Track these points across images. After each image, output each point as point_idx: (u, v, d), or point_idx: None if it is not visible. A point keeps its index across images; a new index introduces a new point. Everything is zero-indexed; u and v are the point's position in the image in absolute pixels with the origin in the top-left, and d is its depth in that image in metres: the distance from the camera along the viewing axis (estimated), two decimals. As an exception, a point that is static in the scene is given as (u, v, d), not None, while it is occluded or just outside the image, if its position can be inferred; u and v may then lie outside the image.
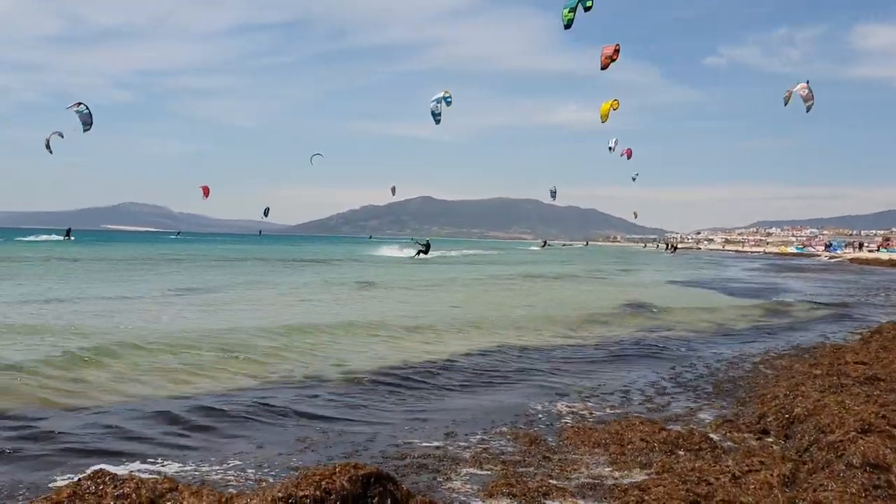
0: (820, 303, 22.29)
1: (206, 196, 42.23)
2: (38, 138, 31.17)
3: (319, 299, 20.36)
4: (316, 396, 8.29)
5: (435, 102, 27.45)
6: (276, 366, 10.06)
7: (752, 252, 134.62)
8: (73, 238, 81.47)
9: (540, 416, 7.66)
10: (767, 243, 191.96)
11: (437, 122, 27.44)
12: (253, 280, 27.78)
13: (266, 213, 62.80)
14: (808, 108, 23.93)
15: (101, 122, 27.22)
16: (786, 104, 24.20)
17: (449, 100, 27.55)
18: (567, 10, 16.70)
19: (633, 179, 46.80)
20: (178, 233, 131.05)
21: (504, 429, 7.09)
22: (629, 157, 40.92)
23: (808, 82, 23.87)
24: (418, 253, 52.61)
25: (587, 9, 16.87)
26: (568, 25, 16.90)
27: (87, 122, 25.69)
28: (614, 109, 25.62)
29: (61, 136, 29.95)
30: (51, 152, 30.00)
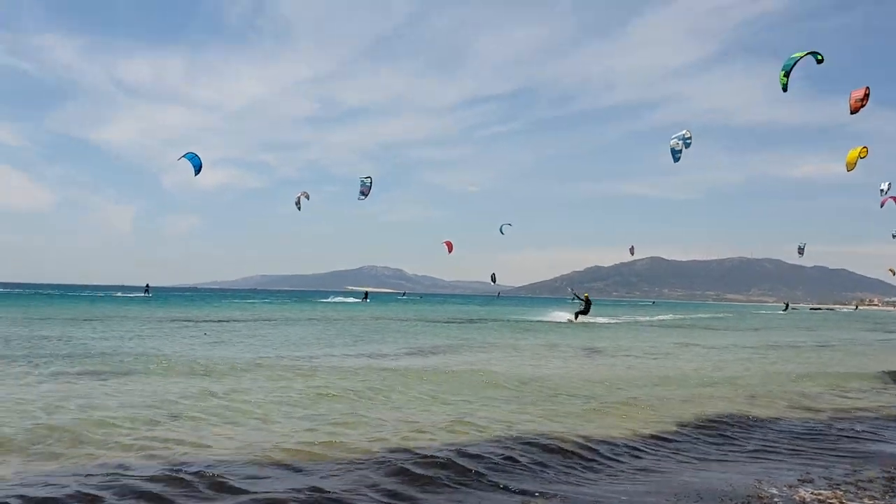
0: None
1: (451, 251, 44.23)
2: (296, 210, 34.80)
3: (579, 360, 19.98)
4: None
5: (677, 139, 26.65)
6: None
7: None
8: (368, 300, 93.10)
9: (776, 500, 6.58)
10: None
11: (677, 160, 26.72)
12: (480, 340, 28.10)
13: (493, 278, 67.00)
14: None
15: (349, 192, 30.14)
16: None
17: (689, 141, 26.60)
18: (783, 73, 16.33)
19: (894, 237, 40.85)
20: (404, 294, 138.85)
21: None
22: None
23: None
24: (577, 315, 44.69)
25: (819, 61, 16.50)
26: (784, 89, 16.72)
27: (196, 168, 27.16)
28: (862, 157, 22.95)
29: (307, 197, 33.25)
30: (299, 209, 33.32)
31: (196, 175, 25.84)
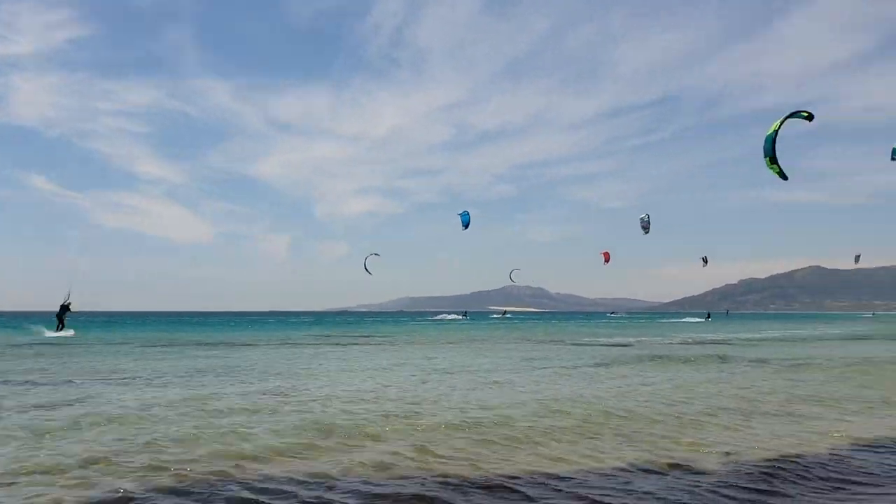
0: None
1: (608, 261, 43.44)
2: (434, 232, 35.75)
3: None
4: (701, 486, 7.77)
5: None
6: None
7: None
8: (468, 318, 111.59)
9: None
10: None
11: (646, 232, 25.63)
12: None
13: (705, 260, 59.63)
14: None
15: (488, 215, 30.26)
16: None
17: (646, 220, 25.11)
18: (768, 160, 14.48)
19: None
20: (465, 313, 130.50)
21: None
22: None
23: None
24: None
25: (807, 118, 14.72)
26: (783, 176, 14.99)
27: (465, 224, 28.29)
28: None
29: (377, 255, 32.91)
30: (370, 273, 32.65)
31: (464, 229, 27.83)
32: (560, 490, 7.57)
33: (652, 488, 7.64)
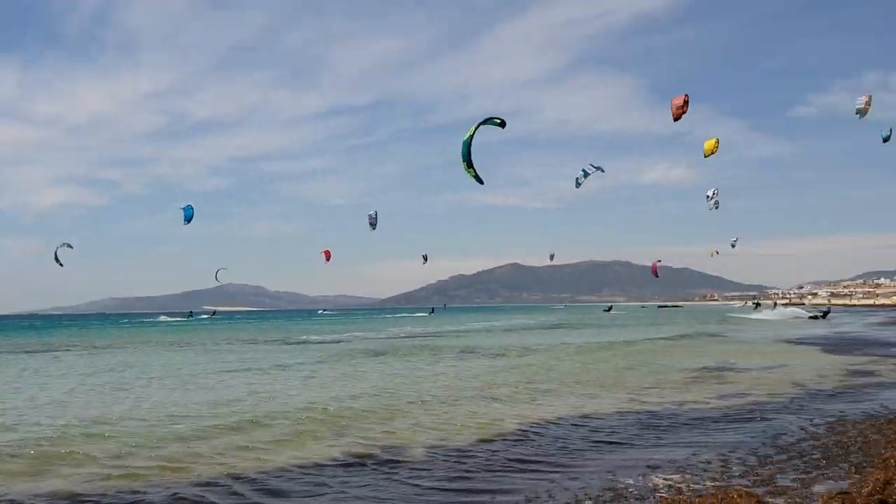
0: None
1: (328, 259, 42.69)
2: (143, 228, 32.94)
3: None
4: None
5: (585, 171, 27.53)
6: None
7: (860, 305, 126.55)
8: (193, 318, 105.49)
9: (631, 490, 7.04)
10: (877, 294, 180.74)
11: (578, 186, 27.71)
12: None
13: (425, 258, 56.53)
14: (861, 115, 22.15)
15: (201, 210, 28.38)
16: (862, 117, 22.51)
17: (588, 172, 27.49)
18: (466, 165, 13.82)
19: (733, 246, 45.22)
20: (191, 314, 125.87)
21: (589, 503, 6.59)
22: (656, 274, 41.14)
23: (870, 96, 22.27)
24: None
25: (500, 125, 14.03)
26: (478, 181, 14.16)
27: (188, 218, 27.02)
28: (714, 153, 24.93)
29: (70, 246, 29.97)
30: (61, 265, 29.62)
31: (186, 223, 26.04)
32: (259, 490, 7.37)
33: (352, 479, 7.74)
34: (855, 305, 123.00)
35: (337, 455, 8.94)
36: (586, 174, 27.28)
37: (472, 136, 13.72)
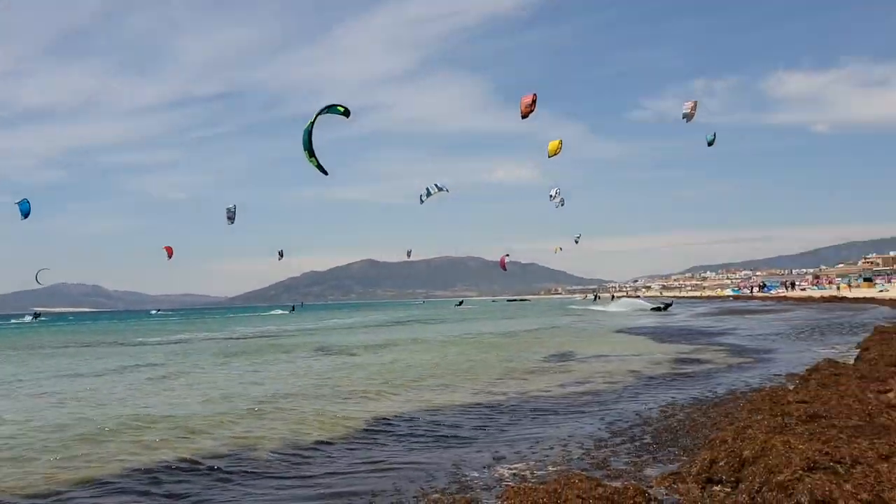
0: (743, 347, 21.94)
1: (171, 256, 40.19)
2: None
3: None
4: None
5: (429, 189, 27.37)
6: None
7: (687, 297, 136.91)
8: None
9: (476, 481, 7.12)
10: (704, 287, 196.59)
11: (422, 203, 27.61)
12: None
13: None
14: (687, 119, 23.92)
15: (35, 204, 26.01)
16: (689, 121, 24.19)
17: (432, 190, 27.39)
18: (308, 155, 13.98)
19: (576, 242, 47.58)
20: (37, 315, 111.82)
21: (436, 496, 6.60)
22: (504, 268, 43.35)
23: (696, 101, 24.03)
24: None
25: (344, 113, 14.08)
26: (322, 171, 14.33)
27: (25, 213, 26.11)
28: (558, 153, 25.86)
29: None
30: None
31: (23, 219, 25.03)
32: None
33: (178, 488, 7.35)
34: (684, 297, 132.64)
35: (169, 460, 8.42)
36: (429, 193, 27.60)
37: (312, 125, 13.43)
